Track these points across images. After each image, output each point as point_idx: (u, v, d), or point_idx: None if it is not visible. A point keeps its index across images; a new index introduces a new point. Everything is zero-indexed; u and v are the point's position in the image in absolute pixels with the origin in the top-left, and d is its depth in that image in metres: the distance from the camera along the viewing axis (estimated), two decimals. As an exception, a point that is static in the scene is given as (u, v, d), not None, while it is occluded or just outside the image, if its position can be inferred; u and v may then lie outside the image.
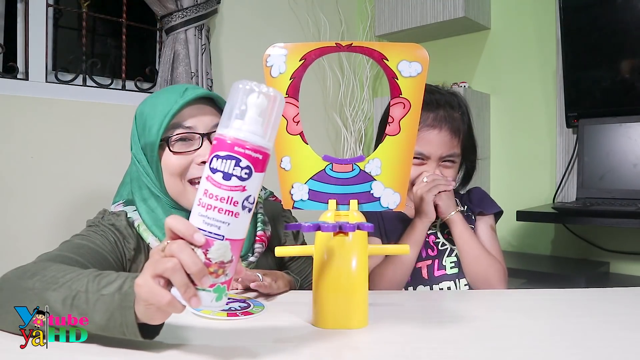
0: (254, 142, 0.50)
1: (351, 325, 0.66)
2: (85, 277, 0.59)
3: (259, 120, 0.51)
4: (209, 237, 0.50)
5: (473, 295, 0.97)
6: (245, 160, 0.50)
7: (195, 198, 0.51)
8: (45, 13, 1.75)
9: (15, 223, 1.59)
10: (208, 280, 0.50)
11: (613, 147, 1.82)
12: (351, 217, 0.68)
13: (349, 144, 2.53)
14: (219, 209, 0.50)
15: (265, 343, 0.61)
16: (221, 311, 0.71)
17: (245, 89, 0.51)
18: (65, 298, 0.57)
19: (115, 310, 0.54)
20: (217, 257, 0.50)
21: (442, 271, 1.04)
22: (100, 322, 0.55)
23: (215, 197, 0.50)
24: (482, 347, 0.61)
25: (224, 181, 0.50)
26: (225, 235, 0.50)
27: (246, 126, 0.51)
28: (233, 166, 0.50)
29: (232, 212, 0.50)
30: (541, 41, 2.13)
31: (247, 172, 0.50)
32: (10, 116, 1.61)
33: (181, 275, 0.49)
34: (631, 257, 1.89)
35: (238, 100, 0.51)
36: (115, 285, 0.56)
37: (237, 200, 0.50)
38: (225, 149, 0.50)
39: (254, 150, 0.50)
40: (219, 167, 0.50)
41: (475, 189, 1.17)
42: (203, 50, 1.97)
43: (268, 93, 0.52)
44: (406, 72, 0.68)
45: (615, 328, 0.68)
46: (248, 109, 0.51)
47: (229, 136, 0.50)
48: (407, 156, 0.69)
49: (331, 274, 0.65)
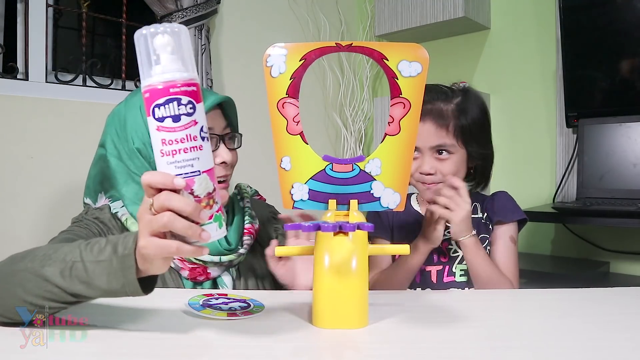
0: (183, 78, 0.52)
1: (351, 325, 0.65)
2: (76, 248, 0.61)
3: (176, 58, 0.53)
4: (188, 178, 0.52)
5: (473, 295, 0.97)
6: (185, 96, 0.52)
7: (155, 153, 0.53)
8: (45, 13, 1.75)
9: (15, 223, 1.59)
10: (206, 214, 0.53)
11: (613, 147, 1.82)
12: (351, 217, 0.68)
13: (349, 144, 2.53)
14: (184, 149, 0.52)
15: (265, 343, 0.61)
16: (221, 311, 0.71)
17: (150, 33, 0.53)
18: (63, 270, 0.59)
19: (116, 273, 0.57)
20: (203, 191, 0.53)
21: (451, 277, 1.04)
22: (103, 286, 0.58)
23: (175, 140, 0.52)
24: (482, 347, 0.61)
25: (175, 123, 0.52)
26: (200, 169, 0.53)
27: (168, 67, 0.52)
28: (177, 106, 0.52)
29: (196, 147, 0.53)
30: (541, 41, 2.13)
31: (191, 106, 0.53)
32: (10, 116, 1.61)
33: (180, 221, 0.52)
34: (631, 257, 1.89)
35: (147, 47, 0.53)
36: (108, 250, 0.58)
37: (195, 135, 0.53)
38: (161, 95, 0.52)
39: (187, 85, 0.52)
40: (164, 114, 0.52)
41: (500, 194, 1.11)
42: (203, 50, 1.97)
43: (172, 29, 0.53)
44: (406, 72, 0.67)
45: (615, 328, 0.68)
46: (161, 52, 0.52)
47: (158, 82, 0.52)
48: (407, 156, 0.69)
49: (331, 273, 0.65)
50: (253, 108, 1.01)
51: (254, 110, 1.54)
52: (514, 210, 1.08)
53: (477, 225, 1.02)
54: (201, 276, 0.91)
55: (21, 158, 1.62)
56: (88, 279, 0.58)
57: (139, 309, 0.63)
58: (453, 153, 1.02)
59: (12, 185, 1.60)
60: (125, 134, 0.90)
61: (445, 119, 1.02)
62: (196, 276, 0.91)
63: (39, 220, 1.63)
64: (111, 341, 0.59)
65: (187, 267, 0.90)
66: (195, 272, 0.91)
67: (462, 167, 1.05)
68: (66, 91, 1.79)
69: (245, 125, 1.02)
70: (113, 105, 1.91)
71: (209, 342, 0.60)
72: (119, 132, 0.92)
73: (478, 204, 1.09)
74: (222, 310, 0.71)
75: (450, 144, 1.02)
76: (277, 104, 0.70)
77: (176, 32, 0.53)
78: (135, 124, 0.90)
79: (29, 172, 1.63)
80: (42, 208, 1.65)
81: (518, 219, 1.07)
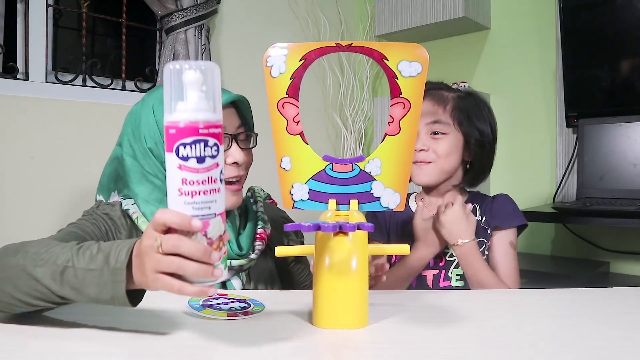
0: (211, 119, 0.52)
1: (351, 325, 0.65)
2: (69, 251, 0.60)
3: (206, 97, 0.52)
4: (204, 220, 0.52)
5: (474, 295, 0.96)
6: (212, 138, 0.51)
7: (171, 189, 0.52)
8: (45, 13, 1.75)
9: (15, 223, 1.59)
10: (216, 256, 0.52)
11: (613, 147, 1.82)
12: (351, 217, 0.67)
13: (349, 144, 2.53)
14: (204, 191, 0.51)
15: (265, 343, 0.61)
16: (221, 311, 0.71)
17: (184, 67, 0.51)
18: (54, 273, 0.59)
19: (106, 284, 0.57)
20: (215, 234, 0.53)
21: (448, 282, 1.03)
22: (92, 295, 0.58)
23: (196, 182, 0.51)
24: (482, 347, 0.61)
25: (199, 165, 0.51)
26: (216, 212, 0.52)
27: (199, 105, 0.51)
28: (203, 148, 0.51)
29: (215, 189, 0.52)
30: (541, 41, 2.13)
31: (216, 148, 0.52)
32: (10, 116, 1.61)
33: (190, 266, 0.51)
34: (631, 257, 1.89)
35: (178, 83, 0.51)
36: (100, 259, 0.58)
37: (216, 177, 0.52)
38: (188, 134, 0.51)
39: (214, 127, 0.52)
40: (189, 154, 0.51)
41: (500, 197, 1.09)
42: (203, 51, 1.97)
43: (206, 67, 0.52)
44: (406, 72, 0.67)
45: (616, 328, 0.68)
46: (192, 89, 0.51)
47: (187, 120, 0.51)
48: (408, 156, 0.69)
49: (331, 273, 0.65)
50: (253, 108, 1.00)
51: (254, 110, 1.53)
52: (514, 215, 1.06)
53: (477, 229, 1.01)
54: None
55: (21, 158, 1.62)
56: (78, 286, 0.58)
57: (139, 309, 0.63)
58: (448, 134, 1.02)
59: (12, 185, 1.60)
60: (139, 134, 0.90)
61: (444, 99, 1.04)
62: None
63: (39, 220, 1.63)
64: (111, 341, 0.59)
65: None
66: None
67: (457, 151, 1.03)
68: (66, 91, 1.79)
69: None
70: (113, 105, 1.92)
71: (209, 342, 0.60)
72: (134, 132, 0.92)
73: (477, 205, 1.07)
74: (222, 310, 0.71)
75: (446, 122, 1.02)
76: (277, 104, 0.70)
77: (209, 70, 0.52)
78: (148, 124, 0.90)
79: (29, 172, 1.63)
80: (42, 208, 1.65)
81: (518, 225, 1.05)
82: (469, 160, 1.07)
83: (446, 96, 1.05)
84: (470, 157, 1.06)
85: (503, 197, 1.09)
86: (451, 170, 1.05)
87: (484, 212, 1.07)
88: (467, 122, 1.04)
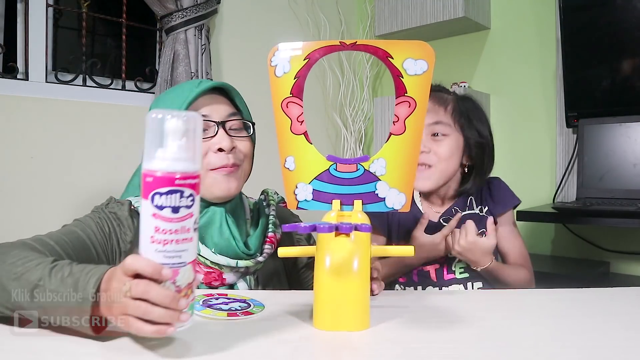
0: (189, 169, 0.52)
1: (352, 327, 0.64)
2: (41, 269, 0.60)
3: (186, 147, 0.52)
4: (174, 268, 0.52)
5: (474, 296, 0.96)
6: (188, 189, 0.52)
7: (143, 235, 0.52)
8: (45, 13, 1.75)
9: (15, 223, 1.59)
10: (184, 303, 0.53)
11: (613, 147, 1.82)
12: (355, 218, 0.67)
13: (349, 144, 2.53)
14: (176, 240, 0.52)
15: (265, 343, 0.60)
16: (221, 311, 0.70)
17: (166, 116, 0.52)
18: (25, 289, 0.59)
19: (72, 311, 0.57)
20: (184, 282, 0.53)
21: (452, 275, 1.04)
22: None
23: (169, 231, 0.51)
24: (482, 347, 0.60)
25: (174, 214, 0.51)
26: (186, 261, 0.53)
27: (177, 155, 0.51)
28: (179, 198, 0.51)
29: (187, 238, 0.52)
30: (541, 41, 2.13)
31: (192, 199, 0.52)
32: (10, 116, 1.60)
33: (156, 311, 0.52)
34: (631, 257, 1.89)
35: (159, 129, 0.52)
36: (69, 284, 0.58)
37: (189, 227, 0.53)
38: (165, 184, 0.51)
39: (192, 177, 0.52)
40: (165, 203, 0.51)
41: (495, 183, 1.11)
42: (203, 50, 1.97)
43: (187, 117, 0.52)
44: (411, 70, 0.66)
45: (616, 328, 0.68)
46: (173, 138, 0.51)
47: (164, 169, 0.51)
48: (413, 156, 0.68)
49: (332, 275, 0.64)
50: (253, 108, 1.00)
51: (255, 110, 1.53)
52: (511, 197, 1.10)
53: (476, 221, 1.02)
54: (216, 281, 0.88)
55: (22, 158, 1.62)
56: (46, 306, 0.58)
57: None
58: (449, 135, 1.02)
59: (12, 185, 1.60)
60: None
61: (444, 100, 1.04)
62: (211, 281, 0.88)
63: (39, 220, 1.63)
64: (111, 341, 0.58)
65: (202, 271, 0.88)
66: (210, 277, 0.88)
67: (457, 153, 1.04)
68: (66, 91, 1.79)
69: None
70: (113, 105, 1.91)
71: (209, 342, 0.60)
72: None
73: (472, 197, 1.09)
74: (222, 310, 0.71)
75: (447, 123, 1.02)
76: (282, 104, 0.70)
77: (191, 120, 0.52)
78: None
79: (29, 172, 1.63)
80: (42, 208, 1.64)
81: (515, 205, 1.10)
82: (467, 164, 1.07)
83: (446, 97, 1.06)
84: (470, 161, 1.07)
85: (497, 182, 1.11)
86: (451, 174, 1.05)
87: (481, 202, 1.09)
88: (467, 123, 1.04)
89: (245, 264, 0.88)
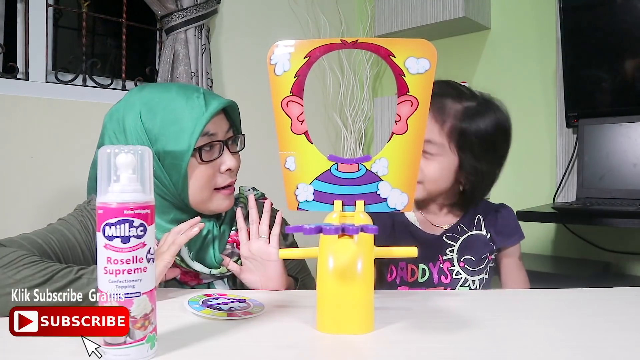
0: (138, 200, 0.53)
1: (356, 330, 0.63)
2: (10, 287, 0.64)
3: (135, 179, 0.54)
4: (127, 298, 0.53)
5: (475, 296, 0.96)
6: (137, 219, 0.53)
7: (99, 266, 0.54)
8: (45, 13, 1.74)
9: (15, 223, 1.58)
10: (138, 335, 0.53)
11: (613, 147, 1.82)
12: (357, 219, 0.66)
13: (349, 144, 2.53)
14: (127, 270, 0.53)
15: (265, 343, 0.60)
16: (221, 311, 0.70)
17: (114, 152, 0.54)
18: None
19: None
20: (140, 312, 0.54)
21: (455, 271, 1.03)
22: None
23: (120, 261, 0.53)
24: (482, 348, 0.60)
25: (124, 244, 0.53)
26: (141, 291, 0.53)
27: (126, 187, 0.53)
28: (128, 228, 0.53)
29: (140, 269, 0.53)
30: (541, 41, 2.13)
31: (142, 229, 0.53)
32: (10, 116, 1.60)
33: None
34: (631, 257, 1.89)
35: (109, 164, 0.54)
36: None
37: (142, 257, 0.54)
38: (114, 215, 0.52)
39: (142, 208, 0.53)
40: (114, 234, 0.52)
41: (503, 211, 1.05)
42: (203, 50, 1.97)
43: (136, 151, 0.54)
44: (414, 69, 0.65)
45: (616, 328, 0.68)
46: (122, 171, 0.54)
47: (113, 201, 0.53)
48: (415, 156, 0.67)
49: (335, 277, 0.63)
50: (253, 108, 1.00)
51: (255, 110, 1.54)
52: (517, 231, 1.06)
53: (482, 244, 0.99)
54: (192, 281, 0.91)
55: (22, 158, 1.62)
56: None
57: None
58: (440, 155, 0.94)
59: (12, 185, 1.59)
60: (124, 137, 0.88)
61: (444, 116, 0.93)
62: (187, 280, 0.91)
63: (39, 220, 1.62)
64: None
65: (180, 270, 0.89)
66: (187, 277, 0.90)
67: (448, 175, 0.96)
68: (66, 91, 1.78)
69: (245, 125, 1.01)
70: (113, 105, 1.90)
71: (208, 342, 0.60)
72: (117, 135, 0.89)
73: (481, 216, 1.03)
74: (222, 310, 0.71)
75: (439, 143, 0.93)
76: (282, 103, 0.69)
77: (139, 154, 0.55)
78: (134, 128, 0.87)
79: (29, 172, 1.63)
80: (42, 208, 1.64)
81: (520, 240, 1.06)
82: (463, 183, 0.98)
83: (449, 109, 0.94)
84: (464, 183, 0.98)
85: (506, 210, 1.05)
86: (442, 191, 0.99)
87: (488, 226, 1.03)
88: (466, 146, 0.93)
89: (220, 272, 0.91)
